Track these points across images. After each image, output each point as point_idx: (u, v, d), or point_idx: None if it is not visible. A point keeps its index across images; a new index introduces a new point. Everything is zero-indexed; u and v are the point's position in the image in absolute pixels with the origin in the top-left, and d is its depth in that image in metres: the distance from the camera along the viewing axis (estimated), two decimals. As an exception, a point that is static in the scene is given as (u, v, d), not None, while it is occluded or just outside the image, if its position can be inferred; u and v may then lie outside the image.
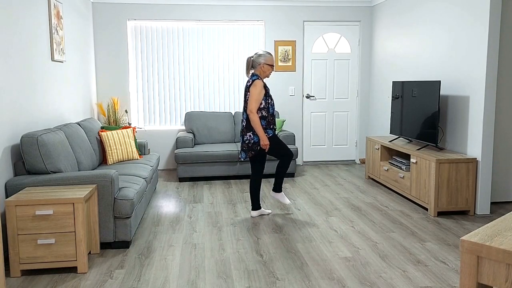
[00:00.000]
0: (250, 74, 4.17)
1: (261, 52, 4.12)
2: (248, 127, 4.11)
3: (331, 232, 3.87)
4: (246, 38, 6.67)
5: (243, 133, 4.14)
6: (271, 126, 4.13)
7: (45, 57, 4.22)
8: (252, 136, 4.09)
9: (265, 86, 4.08)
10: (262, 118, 4.07)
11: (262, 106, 4.06)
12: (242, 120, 4.16)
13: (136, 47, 6.47)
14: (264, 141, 4.03)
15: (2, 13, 3.35)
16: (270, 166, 5.90)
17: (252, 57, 4.15)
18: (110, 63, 6.37)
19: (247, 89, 4.08)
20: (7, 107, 3.38)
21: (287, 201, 4.37)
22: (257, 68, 4.13)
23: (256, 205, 4.32)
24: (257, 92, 4.00)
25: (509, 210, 4.52)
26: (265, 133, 4.07)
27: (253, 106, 3.99)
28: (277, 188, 4.38)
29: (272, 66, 4.13)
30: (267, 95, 4.09)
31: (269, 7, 6.59)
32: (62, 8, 4.72)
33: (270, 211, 4.43)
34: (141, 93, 6.56)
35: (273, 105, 4.15)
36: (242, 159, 4.21)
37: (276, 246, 3.57)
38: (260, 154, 4.19)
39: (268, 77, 4.20)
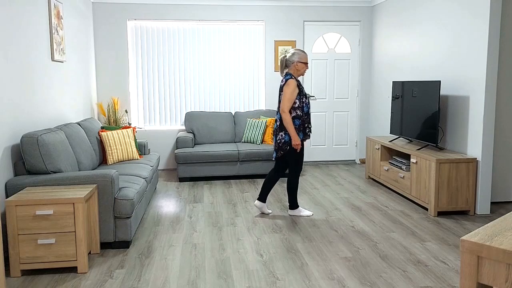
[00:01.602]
0: (284, 74, 4.15)
1: (294, 51, 4.07)
2: (281, 126, 4.08)
3: (331, 232, 3.88)
4: (246, 38, 6.66)
5: (276, 133, 4.13)
6: (306, 125, 4.08)
7: (45, 57, 4.22)
8: (283, 135, 4.07)
9: (298, 85, 4.03)
10: (296, 117, 4.03)
11: (296, 105, 4.02)
12: (276, 120, 4.13)
13: (136, 47, 6.47)
14: (296, 141, 3.99)
15: (2, 13, 3.35)
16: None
17: (286, 56, 4.11)
18: (110, 63, 6.38)
19: (281, 88, 4.05)
20: (7, 107, 3.38)
21: (307, 213, 4.34)
22: (291, 67, 4.08)
23: (262, 197, 4.32)
24: (290, 91, 3.96)
25: (509, 210, 4.52)
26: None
27: (285, 105, 3.96)
28: (292, 205, 4.35)
29: (306, 63, 4.08)
30: (301, 94, 4.03)
31: (269, 7, 6.59)
32: (62, 8, 4.72)
33: (270, 211, 4.43)
34: (141, 93, 6.56)
35: (308, 104, 4.08)
36: (273, 159, 4.25)
37: (276, 246, 3.58)
38: (289, 154, 4.12)
39: (303, 75, 4.15)
